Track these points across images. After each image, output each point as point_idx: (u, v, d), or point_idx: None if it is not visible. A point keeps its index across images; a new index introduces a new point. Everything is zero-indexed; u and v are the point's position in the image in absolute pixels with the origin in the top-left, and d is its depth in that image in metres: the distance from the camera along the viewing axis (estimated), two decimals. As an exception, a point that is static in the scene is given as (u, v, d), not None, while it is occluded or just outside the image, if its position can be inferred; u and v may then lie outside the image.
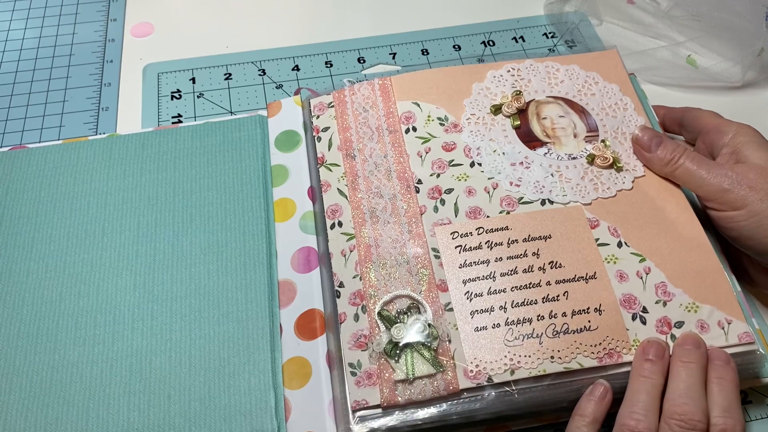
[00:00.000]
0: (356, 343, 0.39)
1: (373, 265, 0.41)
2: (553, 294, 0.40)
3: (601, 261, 0.41)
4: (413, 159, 0.46)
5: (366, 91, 0.49)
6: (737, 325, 0.39)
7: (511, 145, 0.46)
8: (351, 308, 0.40)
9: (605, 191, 0.44)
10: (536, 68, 0.50)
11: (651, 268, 0.41)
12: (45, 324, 0.42)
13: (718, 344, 0.38)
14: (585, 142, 0.46)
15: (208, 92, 0.57)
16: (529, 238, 0.42)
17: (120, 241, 0.45)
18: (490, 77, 0.50)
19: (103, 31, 0.62)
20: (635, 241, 0.42)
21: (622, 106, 0.48)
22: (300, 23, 0.63)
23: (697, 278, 0.40)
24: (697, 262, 0.41)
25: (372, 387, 0.37)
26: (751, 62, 0.56)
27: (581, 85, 0.49)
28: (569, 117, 0.48)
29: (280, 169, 0.49)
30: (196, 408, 0.39)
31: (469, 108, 0.48)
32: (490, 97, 0.49)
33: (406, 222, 0.43)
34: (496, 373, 0.37)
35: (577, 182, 0.44)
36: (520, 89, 0.49)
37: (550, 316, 0.39)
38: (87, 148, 0.50)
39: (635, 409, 0.35)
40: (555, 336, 0.38)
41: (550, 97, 0.49)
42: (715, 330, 0.39)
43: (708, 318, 0.39)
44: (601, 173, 0.45)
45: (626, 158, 0.45)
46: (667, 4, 0.60)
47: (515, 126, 0.47)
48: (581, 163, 0.45)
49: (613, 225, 0.42)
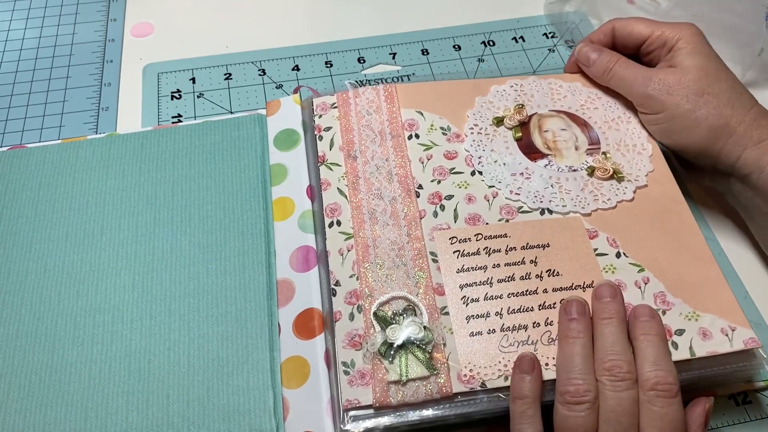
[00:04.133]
0: (350, 342, 0.39)
1: (371, 265, 0.41)
2: (550, 302, 0.40)
3: (599, 270, 0.41)
4: (415, 164, 0.46)
5: (371, 95, 0.49)
6: (742, 332, 0.38)
7: (512, 156, 0.46)
8: (347, 307, 0.40)
9: (605, 202, 0.44)
10: (539, 84, 0.51)
11: (650, 278, 0.41)
12: (43, 324, 0.42)
13: (723, 350, 0.38)
14: (586, 154, 0.46)
15: (208, 92, 0.57)
16: (527, 246, 0.42)
17: (119, 240, 0.45)
18: (494, 91, 0.50)
19: (103, 31, 0.62)
20: (634, 251, 0.42)
21: (625, 120, 0.48)
22: (300, 23, 0.63)
23: (697, 288, 0.40)
24: (697, 272, 0.41)
25: (365, 387, 0.37)
26: (751, 62, 0.56)
27: (584, 100, 0.50)
28: (571, 130, 0.48)
29: (279, 168, 0.49)
30: (194, 407, 0.39)
31: (472, 119, 0.48)
32: (493, 109, 0.49)
33: (405, 225, 0.43)
34: (489, 379, 0.37)
35: (577, 193, 0.44)
36: (523, 103, 0.49)
37: (546, 323, 0.39)
38: (86, 147, 0.50)
39: (572, 374, 0.35)
40: (550, 343, 0.38)
41: (552, 110, 0.49)
42: (718, 337, 0.38)
43: (710, 326, 0.39)
44: (601, 185, 0.45)
45: (629, 169, 0.46)
46: (667, 4, 0.60)
47: (517, 138, 0.47)
48: (581, 175, 0.45)
49: (612, 236, 0.42)
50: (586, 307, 0.38)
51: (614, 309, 0.37)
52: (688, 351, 0.38)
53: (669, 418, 0.33)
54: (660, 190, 0.45)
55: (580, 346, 0.36)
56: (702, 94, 0.44)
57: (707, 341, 0.38)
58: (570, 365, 0.36)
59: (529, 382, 0.36)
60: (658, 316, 0.38)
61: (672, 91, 0.44)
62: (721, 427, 0.41)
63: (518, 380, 0.36)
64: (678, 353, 0.38)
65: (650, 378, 0.34)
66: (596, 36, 0.51)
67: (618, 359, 0.35)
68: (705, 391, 0.41)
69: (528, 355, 0.37)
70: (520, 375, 0.36)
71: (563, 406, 0.35)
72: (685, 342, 0.38)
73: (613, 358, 0.35)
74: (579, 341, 0.36)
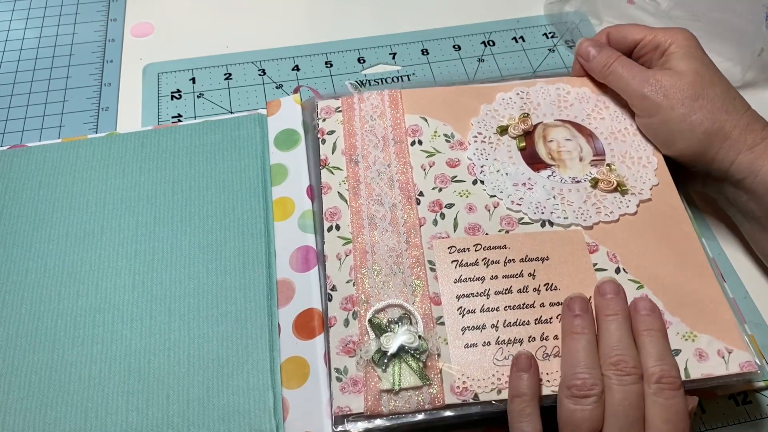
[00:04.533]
0: (344, 348, 0.38)
1: (368, 271, 0.41)
2: (546, 316, 0.39)
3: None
4: (416, 171, 0.46)
5: (375, 100, 0.49)
6: (738, 354, 0.38)
7: (515, 165, 0.46)
8: (342, 313, 0.40)
9: (607, 215, 0.44)
10: (546, 90, 0.50)
11: (648, 296, 0.40)
12: (43, 323, 0.42)
13: (718, 373, 0.38)
14: (591, 165, 0.46)
15: (208, 92, 0.57)
16: (526, 258, 0.42)
17: (119, 240, 0.45)
18: (499, 99, 0.49)
19: (103, 31, 0.62)
20: (634, 267, 0.42)
21: (631, 131, 0.48)
22: (300, 23, 0.63)
23: (696, 307, 0.40)
24: (697, 291, 0.41)
25: (357, 394, 0.37)
26: (751, 62, 0.56)
27: (591, 109, 0.49)
28: (576, 140, 0.47)
29: (279, 168, 0.49)
30: (194, 407, 0.39)
31: (476, 127, 0.48)
32: (498, 118, 0.49)
33: (404, 232, 0.43)
34: (482, 391, 0.37)
35: (579, 205, 0.44)
36: (528, 112, 0.49)
37: (542, 338, 0.39)
38: (86, 146, 0.50)
39: (578, 369, 0.35)
40: (545, 358, 0.38)
41: (558, 120, 0.49)
42: (714, 359, 0.38)
43: (707, 347, 0.38)
44: (604, 197, 0.44)
45: (633, 182, 0.45)
46: (667, 4, 0.60)
47: (521, 147, 0.47)
48: (585, 186, 0.45)
49: (613, 251, 0.42)
50: (588, 304, 0.39)
51: (618, 306, 0.38)
52: (683, 372, 0.37)
53: (674, 410, 0.34)
54: (664, 204, 0.44)
55: (585, 342, 0.36)
56: (697, 99, 0.44)
57: (703, 363, 0.38)
58: (575, 360, 0.36)
59: (527, 379, 0.36)
60: (657, 309, 0.38)
61: (667, 93, 0.44)
62: (721, 427, 0.40)
63: (516, 378, 0.36)
64: None
65: (655, 372, 0.35)
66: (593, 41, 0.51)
67: (624, 354, 0.35)
68: (705, 392, 0.41)
69: (525, 353, 0.37)
70: (518, 373, 0.36)
71: (569, 400, 0.35)
72: (681, 363, 0.38)
73: (619, 353, 0.35)
74: (584, 337, 0.37)
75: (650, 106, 0.45)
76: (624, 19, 0.61)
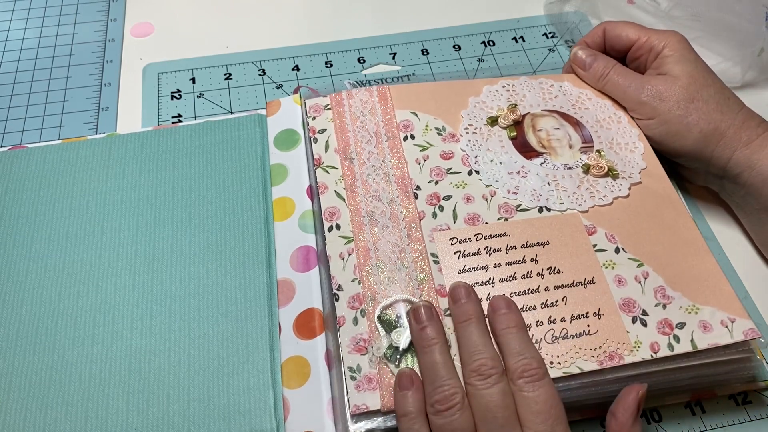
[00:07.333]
0: (356, 347, 0.38)
1: (372, 268, 0.41)
2: (552, 299, 0.40)
3: (599, 266, 0.41)
4: (411, 165, 0.46)
5: (364, 96, 0.49)
6: (741, 323, 0.39)
7: (507, 155, 0.47)
8: (350, 312, 0.40)
9: (601, 199, 0.44)
10: (530, 84, 0.51)
11: (649, 273, 0.41)
12: (44, 324, 0.42)
13: (723, 342, 0.38)
14: (580, 152, 0.47)
15: (208, 92, 0.57)
16: (527, 244, 0.42)
17: (119, 240, 0.45)
18: (486, 91, 0.50)
19: (103, 31, 0.62)
20: (632, 246, 0.42)
21: (615, 120, 0.49)
22: (300, 23, 0.63)
23: (696, 282, 0.41)
24: (695, 266, 0.41)
25: (372, 391, 0.37)
26: (751, 62, 0.56)
27: (575, 100, 0.50)
28: (564, 129, 0.48)
29: (279, 168, 0.49)
30: (195, 407, 0.39)
31: (466, 119, 0.48)
32: (486, 109, 0.49)
33: (405, 227, 0.43)
34: None
35: (574, 191, 0.45)
36: (516, 103, 0.49)
37: (549, 321, 0.39)
38: (86, 147, 0.50)
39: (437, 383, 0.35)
40: (554, 341, 0.38)
41: (545, 110, 0.49)
42: (718, 329, 0.39)
43: (710, 318, 0.39)
44: (597, 182, 0.45)
45: (622, 167, 0.46)
46: (667, 4, 0.60)
47: (512, 137, 0.48)
48: (577, 172, 0.46)
49: (610, 231, 0.43)
50: (432, 309, 0.38)
51: (471, 309, 0.38)
52: (689, 344, 0.38)
53: (542, 399, 0.34)
54: (654, 186, 0.45)
55: (437, 353, 0.36)
56: (692, 100, 0.45)
57: (708, 333, 0.38)
58: (433, 375, 0.36)
59: (411, 396, 0.35)
60: (514, 304, 0.38)
61: (664, 98, 0.46)
62: (721, 427, 0.40)
63: (400, 398, 0.36)
64: (680, 346, 0.38)
65: (517, 368, 0.35)
66: (589, 38, 0.52)
67: (482, 358, 0.35)
68: (705, 392, 0.41)
69: (405, 371, 0.37)
70: (402, 393, 0.36)
71: (436, 417, 0.35)
72: (686, 335, 0.38)
73: (477, 358, 0.36)
74: (435, 348, 0.36)
75: (648, 111, 0.47)
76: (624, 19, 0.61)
